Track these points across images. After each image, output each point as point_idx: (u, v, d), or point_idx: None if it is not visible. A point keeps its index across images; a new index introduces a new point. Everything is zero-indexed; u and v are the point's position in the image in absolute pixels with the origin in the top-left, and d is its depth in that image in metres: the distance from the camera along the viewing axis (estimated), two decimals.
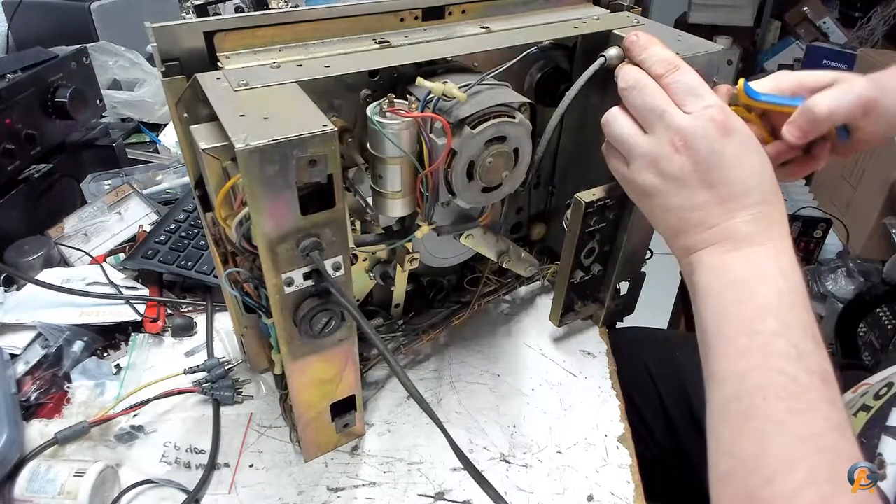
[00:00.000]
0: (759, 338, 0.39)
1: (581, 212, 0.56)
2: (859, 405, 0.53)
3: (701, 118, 0.42)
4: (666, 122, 0.43)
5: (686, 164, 0.43)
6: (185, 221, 0.81)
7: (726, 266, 0.42)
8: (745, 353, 0.39)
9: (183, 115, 0.45)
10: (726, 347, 0.40)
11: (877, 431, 0.48)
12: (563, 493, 0.55)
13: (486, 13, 0.57)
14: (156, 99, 1.11)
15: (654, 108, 0.44)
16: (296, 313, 0.45)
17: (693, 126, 0.42)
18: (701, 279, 0.43)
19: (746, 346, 0.39)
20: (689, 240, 0.44)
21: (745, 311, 0.41)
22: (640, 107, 0.45)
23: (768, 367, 0.38)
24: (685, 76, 0.44)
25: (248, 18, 0.47)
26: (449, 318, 0.68)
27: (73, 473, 0.51)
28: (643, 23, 0.58)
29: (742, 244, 0.42)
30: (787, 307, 0.40)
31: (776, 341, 0.39)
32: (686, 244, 0.44)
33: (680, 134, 0.42)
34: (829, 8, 2.73)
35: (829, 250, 1.63)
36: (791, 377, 0.37)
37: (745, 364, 0.39)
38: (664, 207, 0.45)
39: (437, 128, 0.47)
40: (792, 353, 0.38)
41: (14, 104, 0.79)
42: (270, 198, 0.38)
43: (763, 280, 0.41)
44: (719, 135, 0.42)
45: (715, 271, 0.43)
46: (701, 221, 0.43)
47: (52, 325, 0.66)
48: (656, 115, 0.44)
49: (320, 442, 0.57)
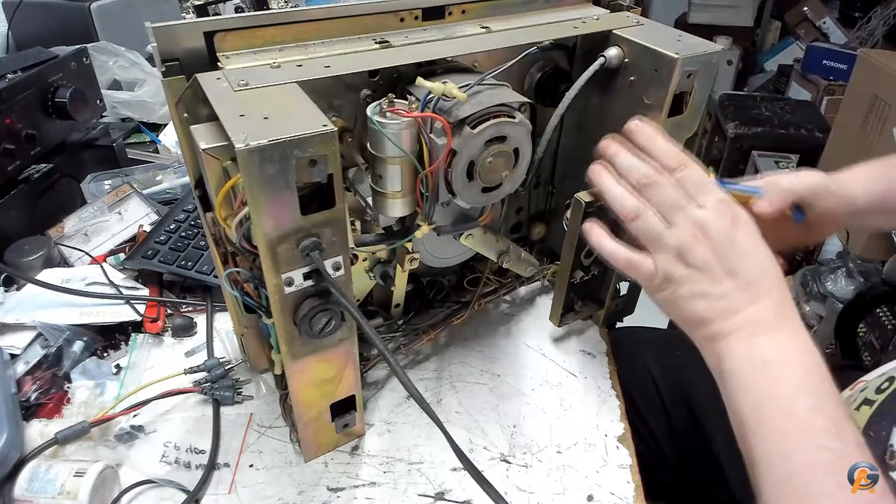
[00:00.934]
0: (798, 417, 0.41)
1: (581, 212, 0.56)
2: (860, 400, 0.54)
3: (715, 211, 0.46)
4: (686, 214, 0.46)
5: (708, 253, 0.45)
6: (185, 221, 0.81)
7: (756, 350, 0.45)
8: (787, 433, 0.41)
9: (183, 115, 0.45)
10: (769, 430, 0.42)
11: (885, 424, 0.49)
12: (563, 493, 0.55)
13: (486, 13, 0.57)
14: (156, 99, 1.11)
15: (674, 202, 0.46)
16: (296, 313, 0.45)
17: (710, 218, 0.45)
18: (733, 365, 0.45)
19: (787, 426, 0.41)
20: (717, 327, 0.46)
21: (781, 392, 0.43)
22: (659, 202, 0.47)
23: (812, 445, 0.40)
24: (695, 173, 0.47)
25: (248, 18, 0.47)
26: (449, 318, 0.68)
27: (73, 473, 0.51)
28: (643, 23, 0.58)
29: (767, 328, 0.45)
30: (817, 383, 0.43)
31: (815, 418, 0.41)
32: (713, 332, 0.46)
33: (698, 225, 0.45)
34: (829, 8, 2.73)
35: (829, 250, 1.63)
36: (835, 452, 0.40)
37: (790, 444, 0.41)
38: (691, 296, 0.47)
39: (437, 128, 0.47)
40: (832, 430, 0.40)
41: (14, 104, 0.79)
42: (270, 198, 0.38)
43: (792, 360, 0.44)
44: (733, 226, 0.46)
45: (747, 356, 0.45)
46: (728, 308, 0.45)
47: (52, 325, 0.66)
48: (677, 207, 0.46)
49: (320, 442, 0.57)
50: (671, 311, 0.49)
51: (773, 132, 2.03)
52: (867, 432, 0.50)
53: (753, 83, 2.90)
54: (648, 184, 0.48)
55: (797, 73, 2.53)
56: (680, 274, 0.47)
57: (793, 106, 2.21)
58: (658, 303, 0.50)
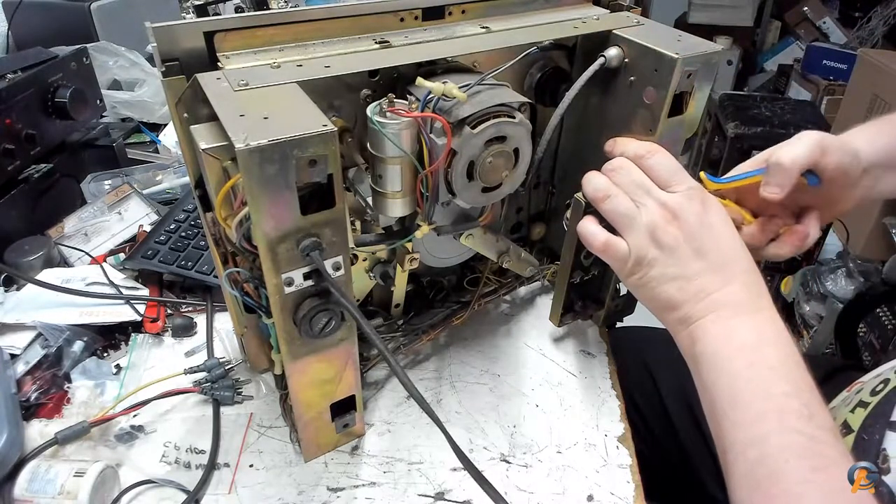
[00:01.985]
0: (774, 400, 0.41)
1: (581, 212, 0.56)
2: (856, 402, 0.54)
3: (685, 195, 0.46)
4: (654, 197, 0.47)
5: (678, 234, 0.46)
6: (185, 221, 0.81)
7: (732, 332, 0.44)
8: (762, 416, 0.40)
9: (183, 115, 0.45)
10: (743, 414, 0.41)
11: (878, 427, 0.48)
12: (563, 493, 0.55)
13: (486, 13, 0.57)
14: (156, 99, 1.11)
15: (641, 184, 0.47)
16: (296, 313, 0.45)
17: (679, 201, 0.46)
18: (706, 347, 0.44)
19: (762, 409, 0.41)
20: (689, 309, 0.46)
21: (757, 374, 0.42)
22: (627, 184, 0.48)
23: (786, 428, 0.39)
24: (665, 158, 0.48)
25: (248, 18, 0.47)
26: (449, 318, 0.68)
27: (73, 473, 0.51)
28: (643, 23, 0.58)
29: (741, 310, 0.44)
30: (793, 369, 0.42)
31: (790, 402, 0.40)
32: (685, 314, 0.46)
33: (668, 207, 0.46)
34: (829, 8, 2.73)
35: (829, 250, 1.63)
36: (808, 436, 0.39)
37: (764, 428, 0.40)
38: (663, 278, 0.47)
39: (437, 128, 0.47)
40: (804, 413, 0.40)
41: (14, 104, 0.79)
42: (270, 198, 0.38)
43: (769, 343, 0.43)
44: (702, 209, 0.46)
45: (721, 338, 0.44)
46: (700, 289, 0.45)
47: (52, 325, 0.66)
48: (644, 190, 0.47)
49: (320, 442, 0.57)
50: (644, 295, 0.49)
51: (773, 132, 2.03)
52: (861, 436, 0.49)
53: (753, 83, 2.91)
54: (613, 169, 0.49)
55: (797, 73, 2.53)
56: (652, 256, 0.47)
57: (793, 106, 2.21)
58: (631, 288, 0.50)
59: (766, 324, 0.44)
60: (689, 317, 0.46)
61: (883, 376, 0.54)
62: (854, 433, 0.50)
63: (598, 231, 0.50)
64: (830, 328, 1.34)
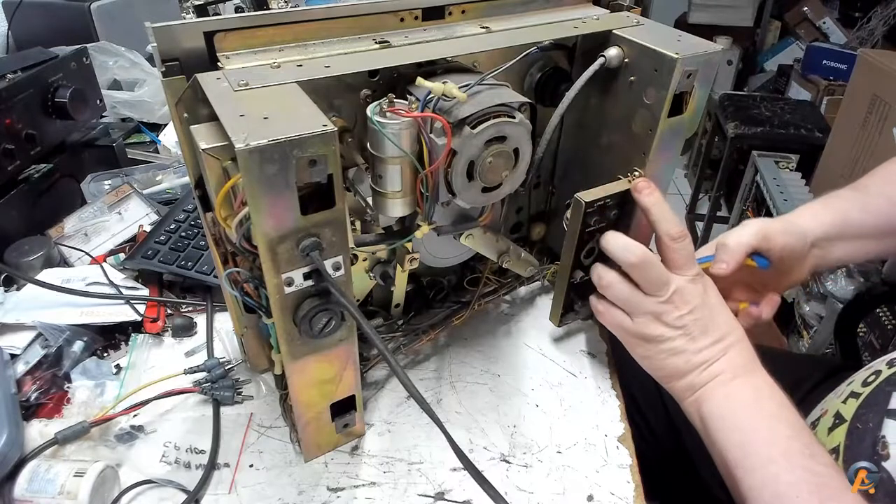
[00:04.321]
0: (779, 444, 0.47)
1: (581, 212, 0.56)
2: (847, 393, 0.55)
3: (693, 281, 0.54)
4: (672, 287, 0.53)
5: (687, 316, 0.53)
6: (185, 221, 0.81)
7: (734, 392, 0.52)
8: (771, 459, 0.46)
9: (183, 115, 0.45)
10: (753, 459, 0.47)
11: (872, 416, 0.51)
12: (563, 493, 0.55)
13: (486, 13, 0.57)
14: (156, 99, 1.11)
15: (661, 278, 0.53)
16: (296, 313, 0.45)
17: (691, 287, 0.54)
18: (713, 408, 0.52)
19: (770, 453, 0.47)
20: (694, 378, 0.53)
21: (760, 424, 0.49)
22: (648, 280, 0.54)
23: (793, 467, 0.46)
24: (690, 246, 0.54)
25: (248, 18, 0.47)
26: (449, 318, 0.68)
27: (73, 473, 0.51)
28: (643, 23, 0.58)
29: (739, 372, 0.53)
30: (789, 415, 0.49)
31: (793, 444, 0.47)
32: (691, 382, 0.54)
33: (680, 293, 0.53)
34: (829, 8, 2.73)
35: None
36: (813, 472, 0.45)
37: (774, 469, 0.46)
38: (671, 352, 0.54)
39: (437, 128, 0.47)
40: (807, 452, 0.46)
41: (14, 104, 0.79)
42: (270, 198, 0.38)
43: (766, 397, 0.51)
44: (704, 291, 0.54)
45: (726, 398, 0.52)
46: (704, 360, 0.53)
47: (52, 325, 0.66)
48: (663, 282, 0.53)
49: (320, 442, 0.57)
50: (650, 366, 0.56)
51: (772, 132, 2.03)
52: (855, 425, 0.52)
53: (753, 83, 2.91)
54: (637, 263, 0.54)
55: (797, 73, 2.53)
56: (660, 333, 0.54)
57: (793, 106, 2.21)
58: (637, 358, 0.57)
59: (761, 380, 0.52)
60: (695, 384, 0.53)
61: (874, 368, 0.55)
62: (847, 423, 0.51)
63: None
64: (830, 328, 1.34)
